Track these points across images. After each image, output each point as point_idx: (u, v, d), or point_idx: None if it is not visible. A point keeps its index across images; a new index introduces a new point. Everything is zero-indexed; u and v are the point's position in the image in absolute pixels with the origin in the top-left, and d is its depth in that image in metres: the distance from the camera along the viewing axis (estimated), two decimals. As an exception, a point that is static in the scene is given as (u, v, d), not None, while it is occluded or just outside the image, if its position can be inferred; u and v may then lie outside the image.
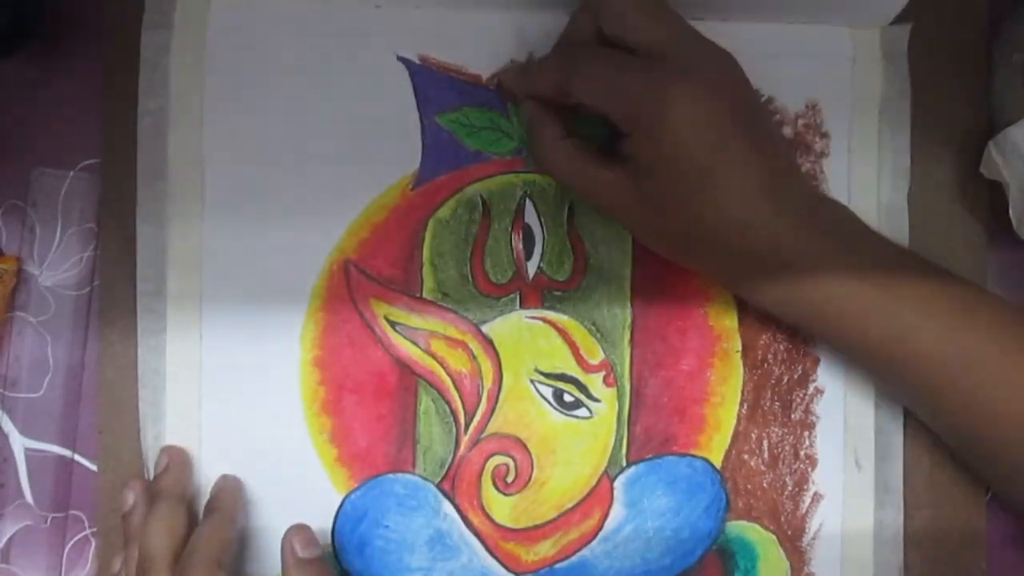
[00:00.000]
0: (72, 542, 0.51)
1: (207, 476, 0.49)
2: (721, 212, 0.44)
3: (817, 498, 0.51)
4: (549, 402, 0.50)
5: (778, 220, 0.44)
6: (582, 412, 0.50)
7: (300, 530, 0.46)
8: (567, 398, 0.50)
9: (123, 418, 0.50)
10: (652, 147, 0.43)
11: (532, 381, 0.50)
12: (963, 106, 0.53)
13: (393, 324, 0.50)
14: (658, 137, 0.43)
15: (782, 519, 0.51)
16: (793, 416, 0.51)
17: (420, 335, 0.50)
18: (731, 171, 0.43)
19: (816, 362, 0.51)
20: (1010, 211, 0.50)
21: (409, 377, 0.50)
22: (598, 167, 0.46)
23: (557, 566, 0.50)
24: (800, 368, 0.51)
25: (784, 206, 0.44)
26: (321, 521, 0.49)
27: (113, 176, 0.50)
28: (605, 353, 0.51)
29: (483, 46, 0.51)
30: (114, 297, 0.50)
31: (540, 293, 0.51)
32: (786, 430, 0.51)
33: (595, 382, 0.51)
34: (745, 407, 0.51)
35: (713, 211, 0.44)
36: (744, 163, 0.43)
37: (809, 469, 0.51)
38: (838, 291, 0.45)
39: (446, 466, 0.50)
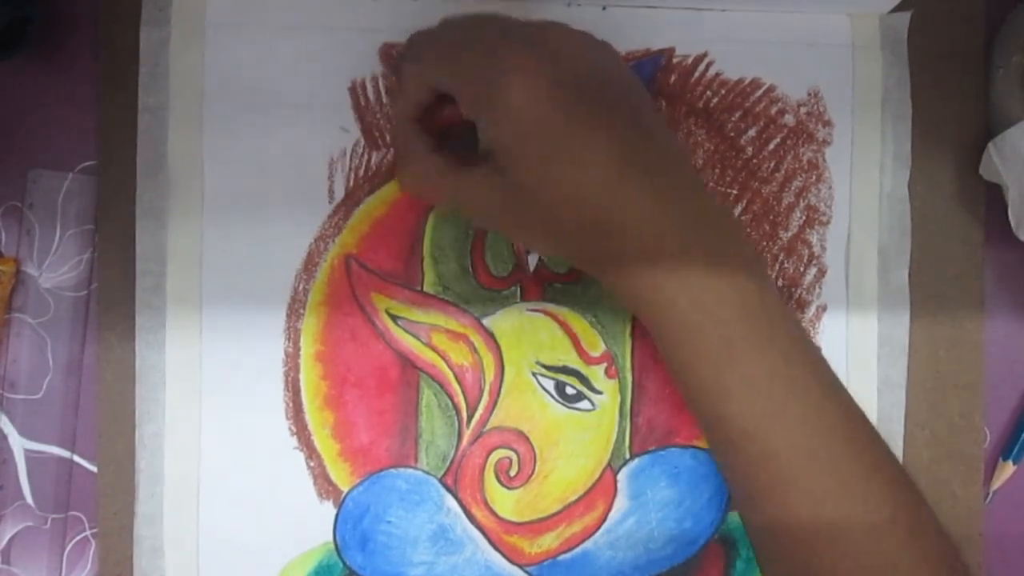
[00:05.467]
0: (72, 543, 0.51)
1: (207, 473, 0.49)
2: (576, 191, 0.41)
3: (820, 488, 0.51)
4: (551, 395, 0.50)
5: (639, 201, 0.42)
6: (584, 404, 0.50)
7: None
8: (569, 390, 0.50)
9: (122, 419, 0.50)
10: (498, 129, 0.41)
11: (534, 374, 0.50)
12: (962, 107, 0.53)
13: (394, 318, 0.50)
14: (501, 116, 0.41)
15: (784, 509, 0.51)
16: (795, 406, 0.51)
17: (421, 329, 0.50)
18: (582, 148, 0.41)
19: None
20: (1009, 213, 0.50)
21: (411, 371, 0.50)
22: (463, 172, 0.44)
23: (560, 558, 0.50)
24: (801, 358, 0.51)
25: (646, 188, 0.42)
26: (323, 517, 0.50)
27: (111, 176, 0.50)
28: (607, 345, 0.51)
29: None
30: (113, 299, 0.50)
31: (541, 286, 0.51)
32: (788, 420, 0.51)
33: (597, 374, 0.51)
34: (747, 398, 0.51)
35: (568, 191, 0.41)
36: (600, 140, 0.41)
37: (811, 459, 0.51)
38: (696, 297, 0.42)
39: (448, 460, 0.50)
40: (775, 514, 0.43)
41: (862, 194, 0.52)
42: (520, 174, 0.42)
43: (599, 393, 0.51)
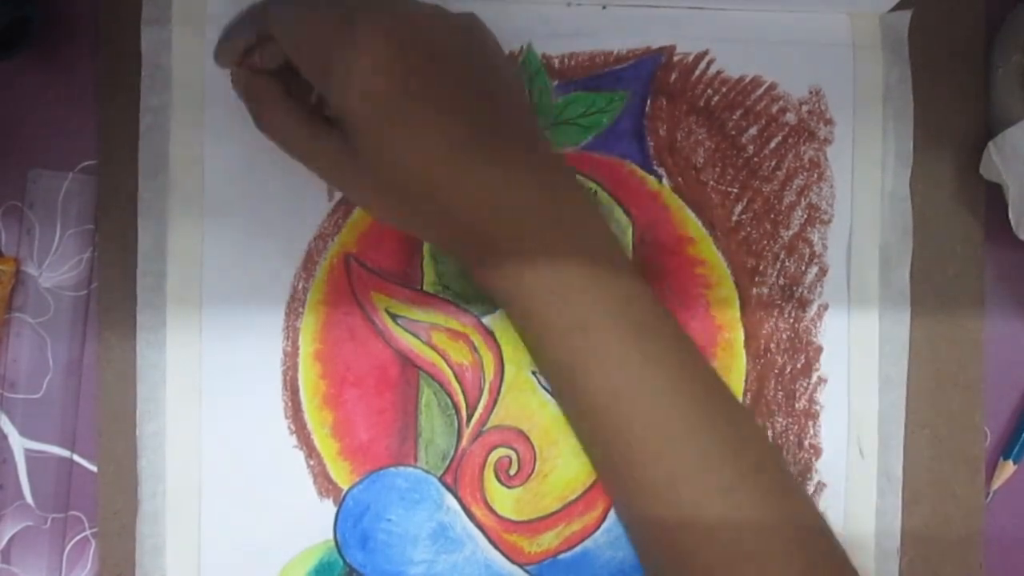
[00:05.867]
0: (72, 543, 0.50)
1: (208, 471, 0.49)
2: (409, 162, 0.41)
3: (820, 487, 0.51)
4: (551, 394, 0.50)
5: (487, 176, 0.42)
6: (584, 403, 0.50)
7: None
8: (569, 390, 0.50)
9: (122, 419, 0.49)
10: (342, 94, 0.40)
11: (534, 373, 0.50)
12: (962, 106, 0.53)
13: (394, 317, 0.50)
14: (348, 86, 0.40)
15: (785, 509, 0.51)
16: (797, 406, 0.51)
17: (421, 328, 0.50)
18: (421, 119, 0.40)
19: (819, 351, 0.51)
20: (1009, 212, 0.50)
21: (410, 370, 0.50)
22: (320, 128, 0.43)
23: (560, 557, 0.50)
24: (803, 357, 0.51)
25: (485, 169, 0.41)
26: (323, 515, 0.49)
27: (111, 176, 0.50)
28: (607, 344, 0.51)
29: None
30: (113, 298, 0.50)
31: (541, 285, 0.51)
32: (790, 420, 0.51)
33: (597, 373, 0.50)
34: (748, 397, 0.51)
35: (402, 162, 0.41)
36: (439, 113, 0.41)
37: (813, 459, 0.51)
38: (543, 273, 0.42)
39: (448, 459, 0.50)
40: (636, 497, 0.43)
41: (863, 193, 0.52)
42: (361, 140, 0.41)
43: (599, 392, 0.50)
